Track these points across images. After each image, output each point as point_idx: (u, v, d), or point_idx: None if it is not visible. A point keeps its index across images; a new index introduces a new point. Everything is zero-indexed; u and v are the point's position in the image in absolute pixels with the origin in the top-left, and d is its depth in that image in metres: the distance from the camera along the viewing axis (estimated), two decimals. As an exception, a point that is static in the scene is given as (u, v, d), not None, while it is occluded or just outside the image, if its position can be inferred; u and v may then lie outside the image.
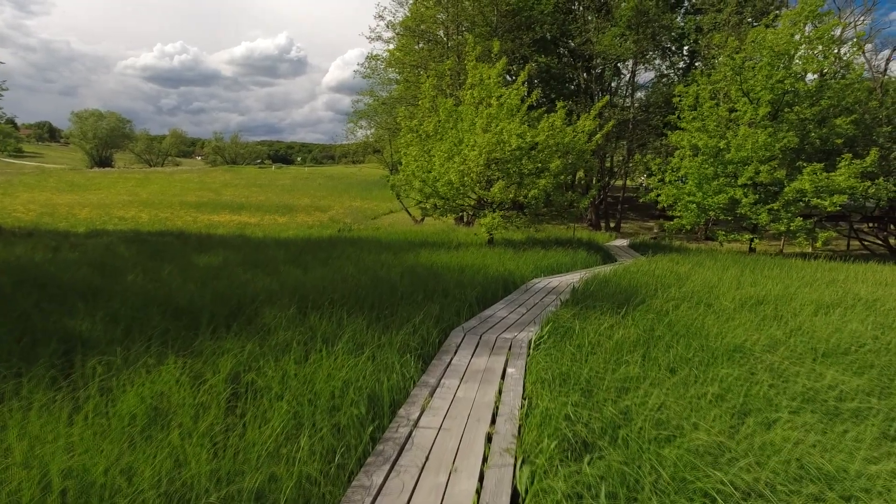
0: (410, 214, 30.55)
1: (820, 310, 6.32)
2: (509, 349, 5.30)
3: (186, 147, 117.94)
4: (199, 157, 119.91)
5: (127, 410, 3.12)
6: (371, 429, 3.27)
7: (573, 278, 9.88)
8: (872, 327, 5.39)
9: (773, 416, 3.21)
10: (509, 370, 4.69)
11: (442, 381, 4.40)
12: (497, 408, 3.87)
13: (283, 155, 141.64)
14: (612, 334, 5.09)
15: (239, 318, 5.17)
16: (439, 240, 15.16)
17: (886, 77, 22.93)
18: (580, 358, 4.52)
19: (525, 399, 4.00)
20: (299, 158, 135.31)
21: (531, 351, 5.19)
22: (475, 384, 4.34)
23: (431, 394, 4.10)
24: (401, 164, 16.59)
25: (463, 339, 5.59)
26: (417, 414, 3.70)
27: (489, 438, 3.39)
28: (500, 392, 4.18)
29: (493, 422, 3.66)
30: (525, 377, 4.48)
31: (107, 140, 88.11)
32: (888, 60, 23.90)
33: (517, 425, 3.55)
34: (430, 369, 4.65)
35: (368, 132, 35.50)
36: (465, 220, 24.59)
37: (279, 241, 14.04)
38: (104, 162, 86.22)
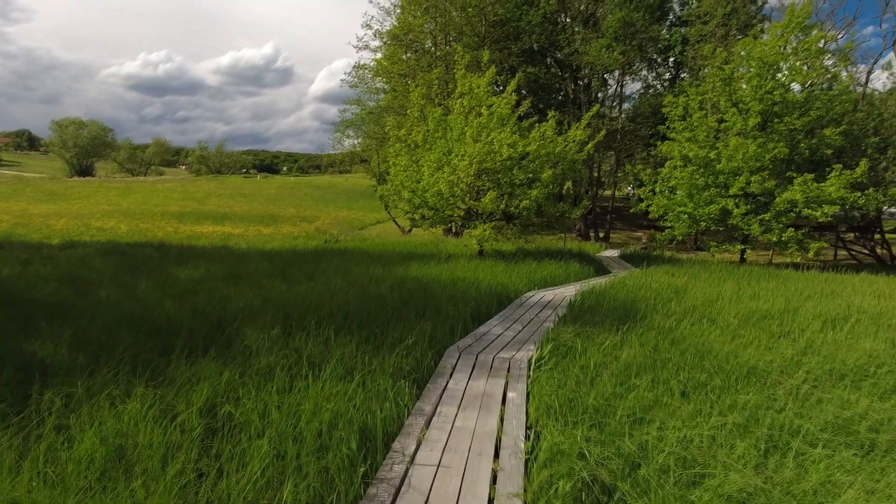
0: (398, 225, 30.17)
1: (826, 325, 6.12)
2: (508, 370, 4.99)
3: (170, 156, 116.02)
4: (184, 167, 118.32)
5: (85, 453, 2.74)
6: (363, 469, 2.92)
7: (568, 291, 9.62)
8: (885, 345, 5.17)
9: (806, 450, 2.93)
10: (510, 394, 4.37)
11: (438, 408, 4.07)
12: (500, 439, 3.55)
13: (268, 164, 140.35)
14: (618, 354, 4.80)
15: (218, 340, 4.80)
16: (428, 251, 14.84)
17: (869, 89, 23.28)
18: (585, 381, 4.23)
19: (530, 429, 3.68)
20: (285, 168, 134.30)
21: (531, 372, 4.89)
22: (474, 411, 4.02)
23: (428, 424, 3.77)
24: (388, 174, 16.26)
25: (458, 359, 5.26)
26: (413, 448, 3.36)
27: (494, 478, 3.06)
28: (501, 420, 3.86)
29: (497, 455, 3.35)
30: (527, 402, 4.18)
31: (88, 149, 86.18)
32: (869, 73, 24.32)
33: (523, 460, 3.23)
34: (425, 394, 4.32)
35: (355, 142, 35.04)
36: (453, 230, 24.28)
37: (263, 253, 13.62)
38: (85, 171, 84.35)
